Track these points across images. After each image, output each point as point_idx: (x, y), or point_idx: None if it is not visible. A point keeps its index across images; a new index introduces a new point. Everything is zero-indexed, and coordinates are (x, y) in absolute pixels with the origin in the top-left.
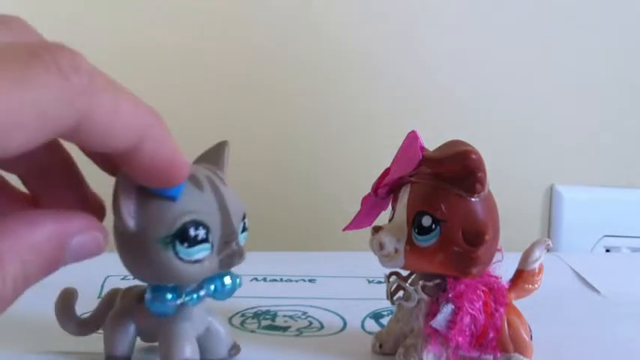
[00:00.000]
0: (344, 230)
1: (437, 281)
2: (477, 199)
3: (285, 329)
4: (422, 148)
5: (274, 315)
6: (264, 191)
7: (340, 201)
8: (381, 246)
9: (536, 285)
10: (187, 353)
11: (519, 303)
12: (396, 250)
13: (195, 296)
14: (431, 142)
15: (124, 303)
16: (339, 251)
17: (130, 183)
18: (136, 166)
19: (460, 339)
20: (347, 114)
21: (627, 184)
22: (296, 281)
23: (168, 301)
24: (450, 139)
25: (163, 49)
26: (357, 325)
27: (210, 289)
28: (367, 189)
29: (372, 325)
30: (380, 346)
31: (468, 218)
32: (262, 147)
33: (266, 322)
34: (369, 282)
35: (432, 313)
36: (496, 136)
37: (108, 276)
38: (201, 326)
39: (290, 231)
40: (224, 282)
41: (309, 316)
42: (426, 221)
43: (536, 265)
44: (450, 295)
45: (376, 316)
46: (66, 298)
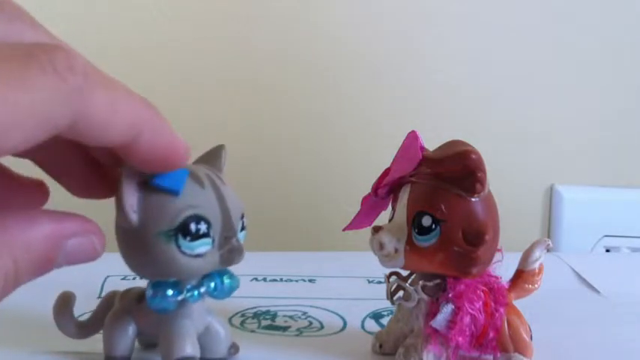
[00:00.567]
0: (344, 230)
1: (437, 281)
2: (477, 199)
3: (285, 329)
4: (422, 148)
5: (274, 315)
6: (264, 191)
7: (340, 201)
8: (381, 246)
9: (536, 285)
10: (188, 350)
11: (519, 303)
12: (396, 250)
13: (196, 292)
14: (431, 142)
15: (124, 304)
16: (339, 251)
17: (133, 178)
18: (137, 157)
19: (460, 339)
20: (347, 114)
21: (627, 184)
22: (296, 281)
23: (169, 297)
24: (450, 139)
25: (163, 49)
26: (357, 325)
27: (210, 287)
28: (367, 189)
29: (372, 325)
30: (380, 346)
31: (468, 218)
32: (262, 147)
33: (266, 322)
34: (369, 282)
35: (432, 313)
36: (496, 136)
37: (108, 276)
38: (201, 325)
39: (290, 231)
40: (223, 280)
41: (309, 316)
42: (426, 221)
43: (536, 265)
44: (450, 295)
45: (376, 316)
46: (64, 302)
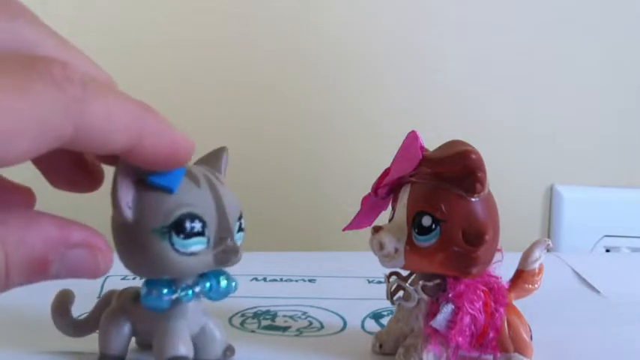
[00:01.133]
0: (344, 230)
1: (437, 281)
2: (477, 199)
3: (285, 329)
4: (422, 148)
5: (274, 315)
6: (264, 191)
7: (340, 201)
8: (381, 246)
9: (536, 285)
10: (181, 350)
11: (519, 303)
12: (396, 250)
13: (190, 292)
14: (431, 142)
15: (120, 302)
16: (339, 251)
17: (128, 175)
18: (140, 159)
19: (460, 339)
20: (347, 114)
21: (627, 184)
22: (296, 281)
23: (163, 296)
24: (450, 139)
25: (164, 49)
26: (357, 325)
27: (205, 287)
28: (367, 189)
29: (372, 325)
30: (380, 346)
31: (468, 218)
32: (262, 147)
33: (266, 322)
34: (369, 282)
35: (432, 313)
36: (496, 136)
37: (108, 276)
38: (196, 325)
39: (290, 231)
40: (219, 281)
41: (309, 316)
42: (426, 221)
43: (536, 265)
44: (450, 295)
45: (376, 316)
46: (62, 300)
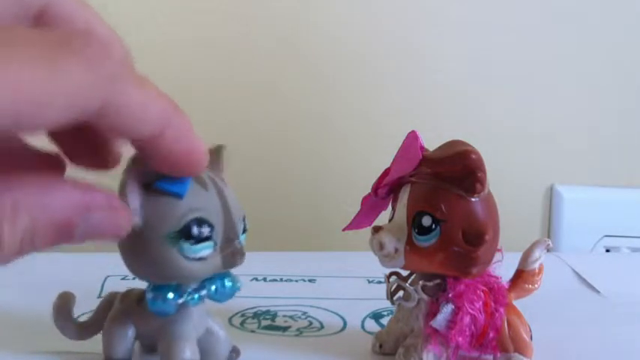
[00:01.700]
0: (344, 230)
1: (437, 281)
2: (477, 199)
3: (285, 329)
4: (422, 148)
5: (274, 315)
6: (264, 191)
7: (340, 201)
8: (381, 246)
9: (536, 285)
10: (187, 354)
11: (519, 303)
12: (396, 250)
13: (196, 296)
14: (431, 142)
15: (123, 305)
16: (339, 251)
17: (137, 180)
18: (157, 155)
19: (460, 339)
20: (347, 114)
21: (627, 184)
22: (296, 281)
23: (170, 300)
24: (450, 139)
25: (163, 49)
26: (357, 325)
27: (211, 290)
28: (367, 189)
29: (372, 325)
30: (380, 346)
31: (468, 218)
32: (262, 147)
33: (266, 322)
34: (369, 282)
35: (432, 313)
36: (496, 136)
37: (108, 276)
38: (201, 328)
39: (290, 231)
40: (225, 283)
41: (309, 316)
42: (426, 221)
43: (536, 265)
44: (450, 295)
45: (376, 316)
46: (63, 302)
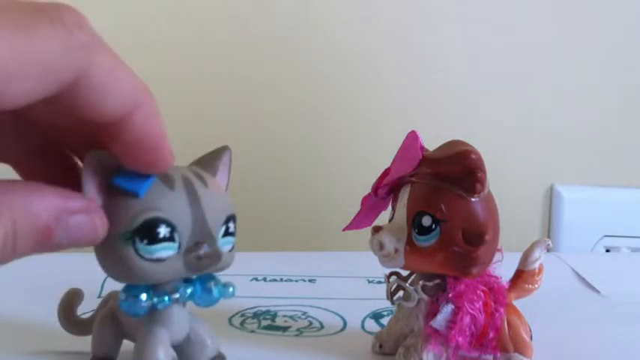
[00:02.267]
0: (344, 230)
1: (437, 281)
2: (477, 199)
3: (285, 329)
4: (422, 148)
5: (274, 315)
6: (264, 191)
7: (340, 201)
8: (381, 246)
9: (536, 285)
10: (160, 356)
11: (519, 303)
12: (396, 250)
13: (166, 298)
14: (431, 142)
15: (112, 305)
16: (339, 251)
17: (95, 176)
18: (123, 139)
19: (460, 339)
20: (347, 114)
21: (627, 184)
22: (296, 281)
23: (139, 302)
24: (450, 139)
25: (162, 48)
26: (357, 325)
27: (185, 293)
28: (367, 189)
29: (372, 325)
30: (380, 346)
31: (468, 218)
32: (262, 147)
33: (266, 322)
34: (369, 282)
35: (432, 313)
36: (496, 136)
37: (108, 276)
38: (181, 331)
39: (290, 231)
40: (205, 287)
41: (309, 316)
42: (426, 221)
43: (536, 265)
44: (450, 295)
45: (376, 316)
46: (70, 298)
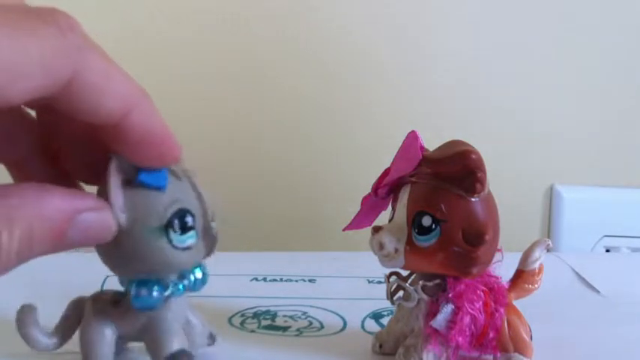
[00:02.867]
0: (344, 230)
1: (437, 281)
2: (477, 199)
3: (285, 329)
4: (422, 148)
5: (274, 315)
6: (264, 191)
7: (340, 201)
8: (381, 246)
9: (536, 285)
10: (176, 344)
11: (519, 303)
12: (396, 250)
13: (181, 286)
14: (431, 142)
15: (98, 309)
16: (339, 251)
17: (118, 176)
18: (127, 140)
19: (460, 339)
20: (347, 114)
21: (627, 184)
22: (296, 281)
23: (155, 294)
24: (450, 139)
25: (164, 44)
26: (357, 325)
27: (191, 279)
28: (367, 189)
29: (372, 325)
30: (380, 346)
31: (468, 218)
32: (262, 147)
33: (266, 322)
34: (369, 282)
35: (432, 313)
36: (496, 136)
37: (108, 276)
38: (182, 318)
39: (290, 231)
40: (200, 271)
41: (309, 316)
42: (426, 221)
43: (536, 265)
44: (450, 295)
45: (376, 316)
46: (28, 313)
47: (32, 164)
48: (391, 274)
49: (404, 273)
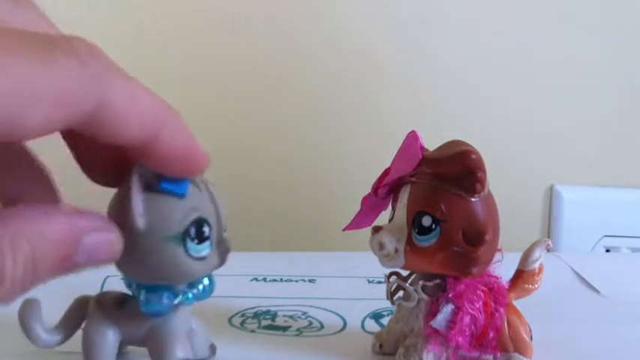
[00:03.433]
0: (344, 230)
1: (437, 281)
2: (477, 199)
3: (285, 329)
4: (422, 148)
5: (274, 315)
6: (264, 191)
7: (340, 201)
8: (381, 246)
9: (536, 285)
10: (180, 354)
11: (519, 303)
12: (396, 250)
13: (190, 295)
14: (431, 142)
15: (102, 310)
16: (339, 251)
17: (140, 182)
18: (157, 156)
19: (460, 339)
20: (347, 114)
21: (627, 184)
22: (296, 281)
23: (165, 301)
24: (450, 139)
25: (165, 43)
26: (357, 325)
27: (199, 288)
28: (367, 189)
29: (372, 325)
30: (380, 346)
31: (468, 218)
32: (262, 147)
33: (266, 322)
34: (369, 282)
35: (432, 313)
36: (496, 136)
37: (108, 276)
38: (186, 327)
39: (290, 231)
40: (208, 280)
41: (309, 316)
42: (426, 221)
43: (536, 265)
44: (450, 295)
45: (376, 316)
46: (31, 308)
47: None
48: (391, 274)
49: (404, 273)
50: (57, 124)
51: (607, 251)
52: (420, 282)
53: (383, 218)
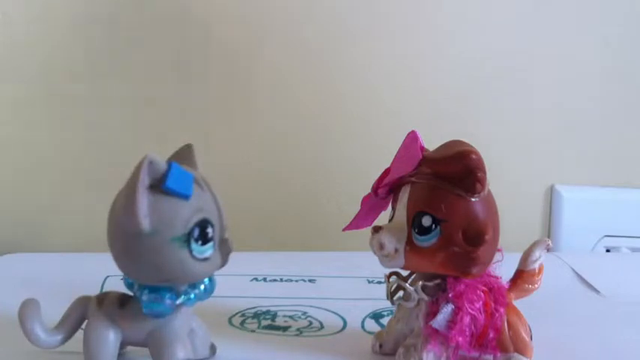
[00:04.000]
0: (344, 230)
1: (437, 281)
2: (477, 199)
3: (285, 329)
4: (422, 148)
5: (274, 315)
6: (264, 191)
7: (340, 201)
8: (381, 246)
9: (536, 285)
10: (181, 354)
11: (519, 303)
12: (396, 250)
13: (192, 295)
14: (431, 142)
15: (104, 310)
16: (339, 251)
17: (146, 182)
18: None
19: (460, 339)
20: (347, 114)
21: (627, 184)
22: (296, 281)
23: (167, 302)
24: (450, 139)
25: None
26: (357, 325)
27: (200, 289)
28: (367, 189)
29: (372, 325)
30: (380, 346)
31: (468, 218)
32: (262, 147)
33: (266, 322)
34: (369, 282)
35: (432, 313)
36: (496, 136)
37: (108, 276)
38: (187, 327)
39: (290, 231)
40: (210, 280)
41: (309, 316)
42: (426, 221)
43: (536, 265)
44: (450, 295)
45: (376, 316)
46: (31, 308)
47: None
48: (391, 274)
49: (404, 273)
50: None
51: (607, 251)
52: (420, 282)
53: (383, 218)
